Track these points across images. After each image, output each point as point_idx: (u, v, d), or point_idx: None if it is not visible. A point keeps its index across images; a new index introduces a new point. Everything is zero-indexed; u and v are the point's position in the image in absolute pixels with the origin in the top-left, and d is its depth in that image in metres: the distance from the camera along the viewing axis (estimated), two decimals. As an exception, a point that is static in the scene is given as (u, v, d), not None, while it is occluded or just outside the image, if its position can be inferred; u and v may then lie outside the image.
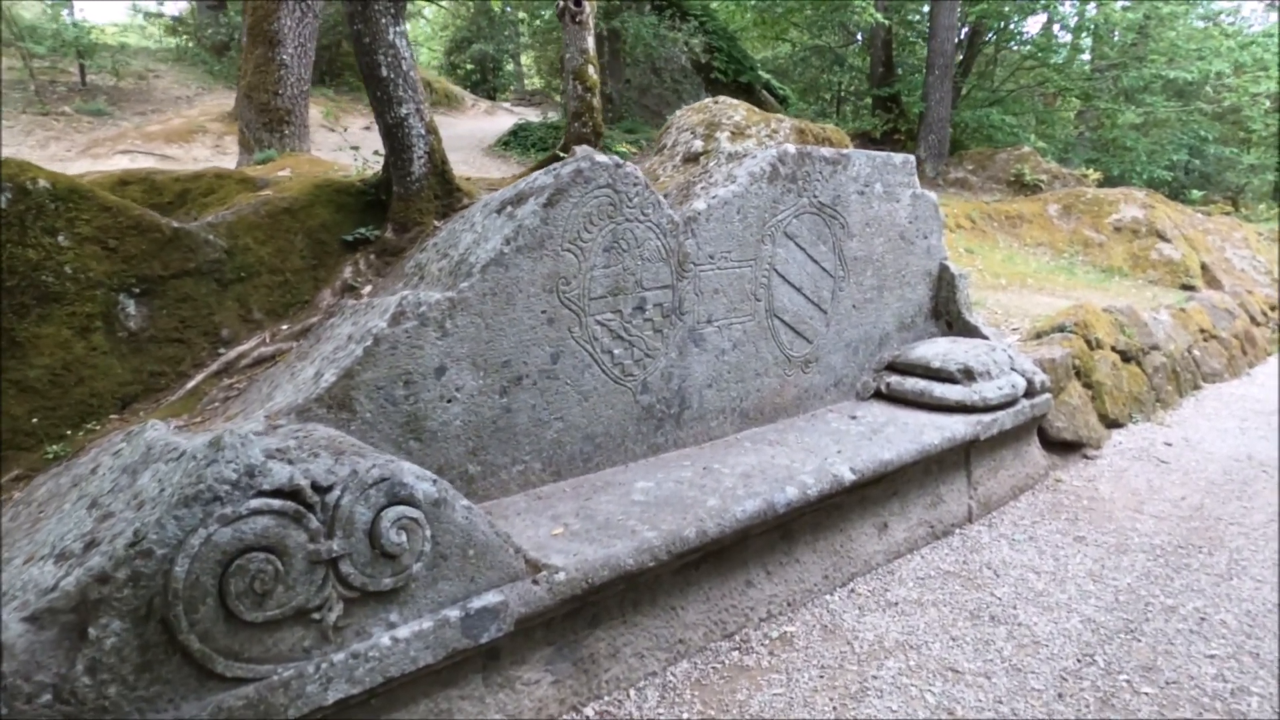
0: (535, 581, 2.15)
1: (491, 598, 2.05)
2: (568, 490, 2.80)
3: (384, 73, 3.03)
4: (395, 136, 3.14)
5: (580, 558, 2.27)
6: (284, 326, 2.90)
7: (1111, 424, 4.92)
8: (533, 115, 15.53)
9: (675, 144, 4.14)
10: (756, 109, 4.43)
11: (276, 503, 1.67)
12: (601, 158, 2.79)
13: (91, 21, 12.28)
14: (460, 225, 3.00)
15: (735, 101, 4.51)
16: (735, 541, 2.76)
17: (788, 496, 2.79)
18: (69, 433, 2.47)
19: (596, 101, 5.16)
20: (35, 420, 2.43)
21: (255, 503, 1.64)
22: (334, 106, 13.37)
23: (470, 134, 13.97)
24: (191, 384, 2.65)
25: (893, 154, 3.99)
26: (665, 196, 3.66)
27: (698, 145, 3.94)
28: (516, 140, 10.49)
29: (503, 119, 15.57)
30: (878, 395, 4.01)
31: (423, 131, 3.17)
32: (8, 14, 9.43)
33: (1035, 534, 3.61)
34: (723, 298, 3.27)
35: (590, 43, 5.03)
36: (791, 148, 3.47)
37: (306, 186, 3.17)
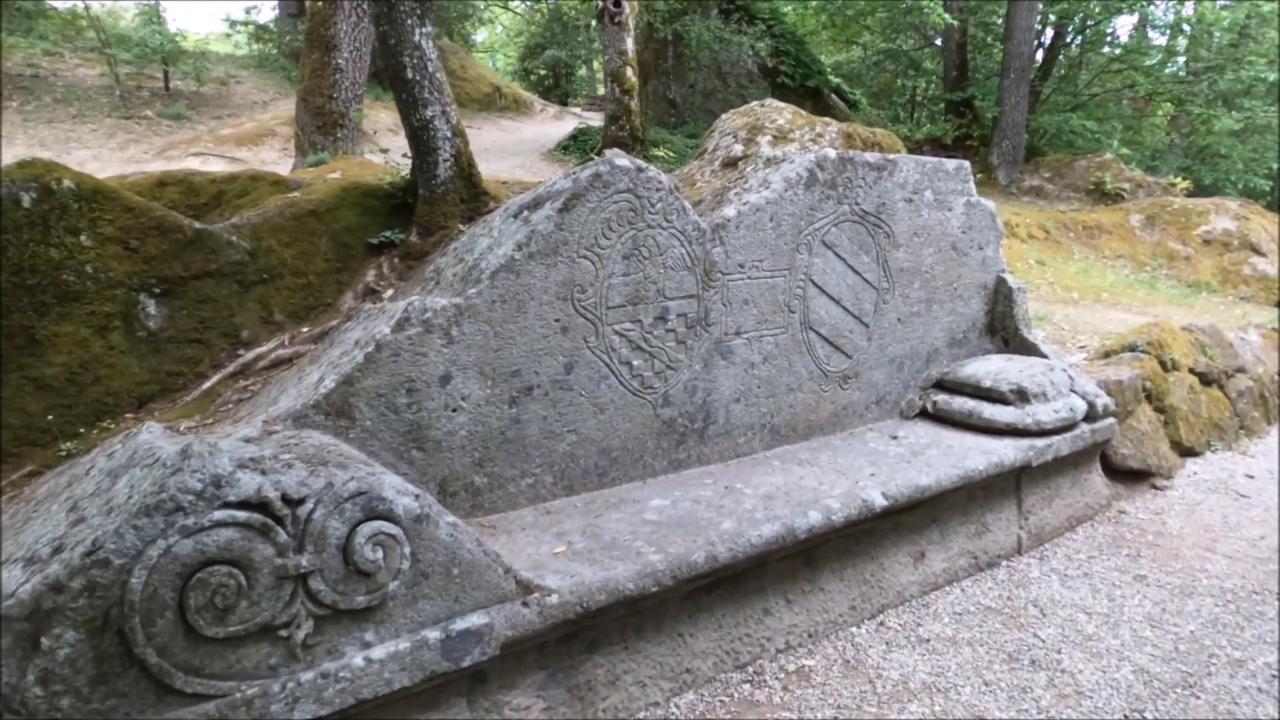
0: (525, 604, 2.05)
1: (476, 619, 1.96)
2: (579, 506, 2.70)
3: (409, 74, 3.00)
4: (420, 139, 3.10)
5: (577, 580, 2.16)
6: (305, 329, 2.89)
7: (1186, 452, 4.55)
8: (600, 120, 15.59)
9: (716, 148, 4.01)
10: (803, 112, 4.26)
11: (242, 515, 1.61)
12: (623, 161, 2.69)
13: (180, 29, 12.87)
14: (480, 230, 2.94)
15: (781, 104, 4.35)
16: (752, 567, 2.61)
17: (810, 522, 2.62)
18: (83, 431, 2.51)
19: (635, 104, 5.08)
20: (51, 417, 2.47)
21: (219, 514, 1.58)
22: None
23: (535, 138, 14.09)
24: (207, 385, 2.66)
25: (945, 159, 3.77)
26: (699, 202, 3.54)
27: (737, 150, 3.80)
28: (576, 144, 10.50)
29: (569, 123, 15.66)
30: (923, 415, 3.79)
31: (448, 134, 3.12)
32: (95, 21, 9.92)
33: (1090, 570, 3.34)
34: (753, 309, 3.12)
35: (629, 44, 4.94)
36: (832, 152, 3.30)
37: (333, 189, 3.17)
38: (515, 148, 12.91)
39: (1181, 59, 15.56)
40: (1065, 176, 10.39)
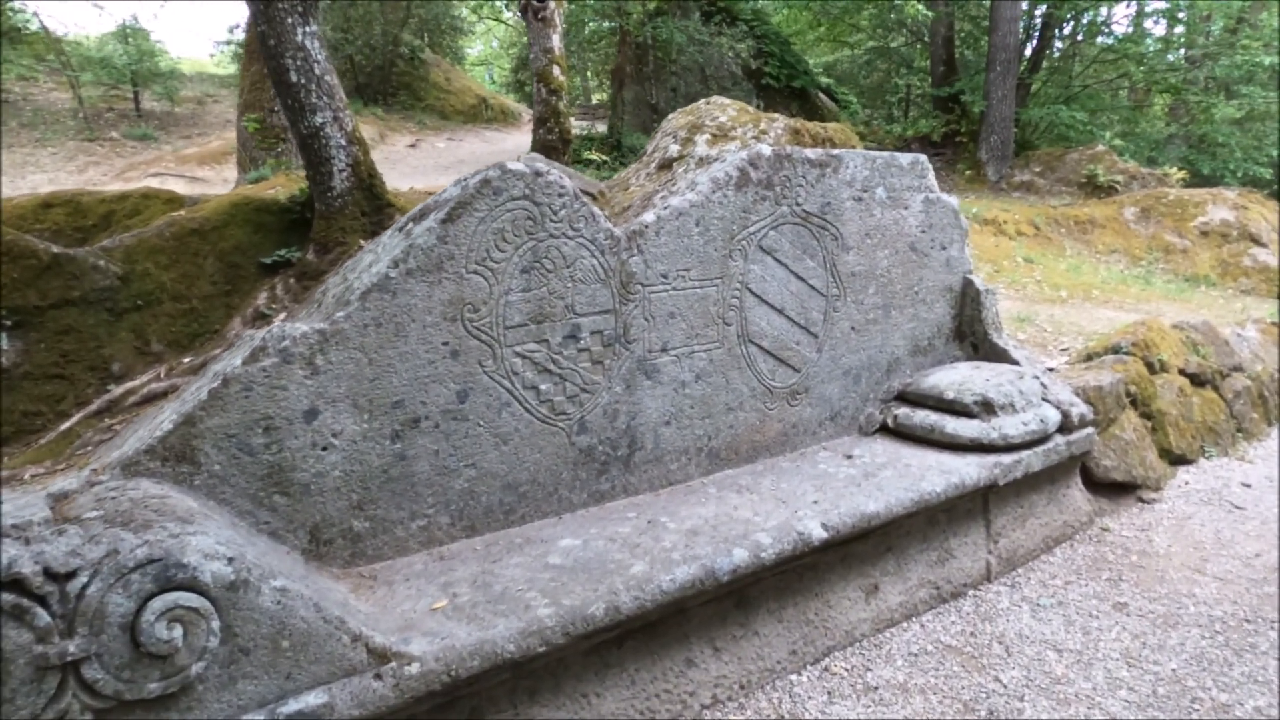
0: (378, 675, 1.78)
1: (312, 699, 1.69)
2: (478, 549, 2.43)
3: (293, 78, 2.75)
4: (311, 148, 2.85)
5: (447, 643, 1.89)
6: (186, 360, 2.64)
7: (1177, 460, 4.24)
8: (604, 127, 15.35)
9: (655, 150, 3.75)
10: (749, 108, 4.00)
11: (-15, 597, 1.35)
12: (516, 166, 2.42)
13: (160, 48, 12.68)
14: (371, 246, 2.68)
15: (726, 101, 4.09)
16: (669, 614, 2.33)
17: (734, 562, 2.34)
18: (-82, 481, 2.27)
19: (563, 105, 4.81)
20: (-121, 468, 2.23)
21: (-49, 598, 1.32)
22: (382, 125, 13.46)
23: (517, 148, 13.87)
24: (66, 425, 2.41)
25: (898, 154, 3.49)
26: (628, 208, 3.27)
27: (673, 150, 3.54)
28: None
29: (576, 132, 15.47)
30: (884, 430, 3.51)
31: (343, 142, 2.87)
32: (55, 44, 9.76)
33: (1066, 598, 3.04)
34: (681, 322, 2.85)
35: (556, 41, 4.69)
36: (766, 148, 3.03)
37: (222, 205, 2.92)
38: (494, 157, 12.69)
39: (1182, 50, 15.23)
40: (1057, 170, 10.07)
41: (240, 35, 17.62)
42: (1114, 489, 3.85)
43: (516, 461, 2.54)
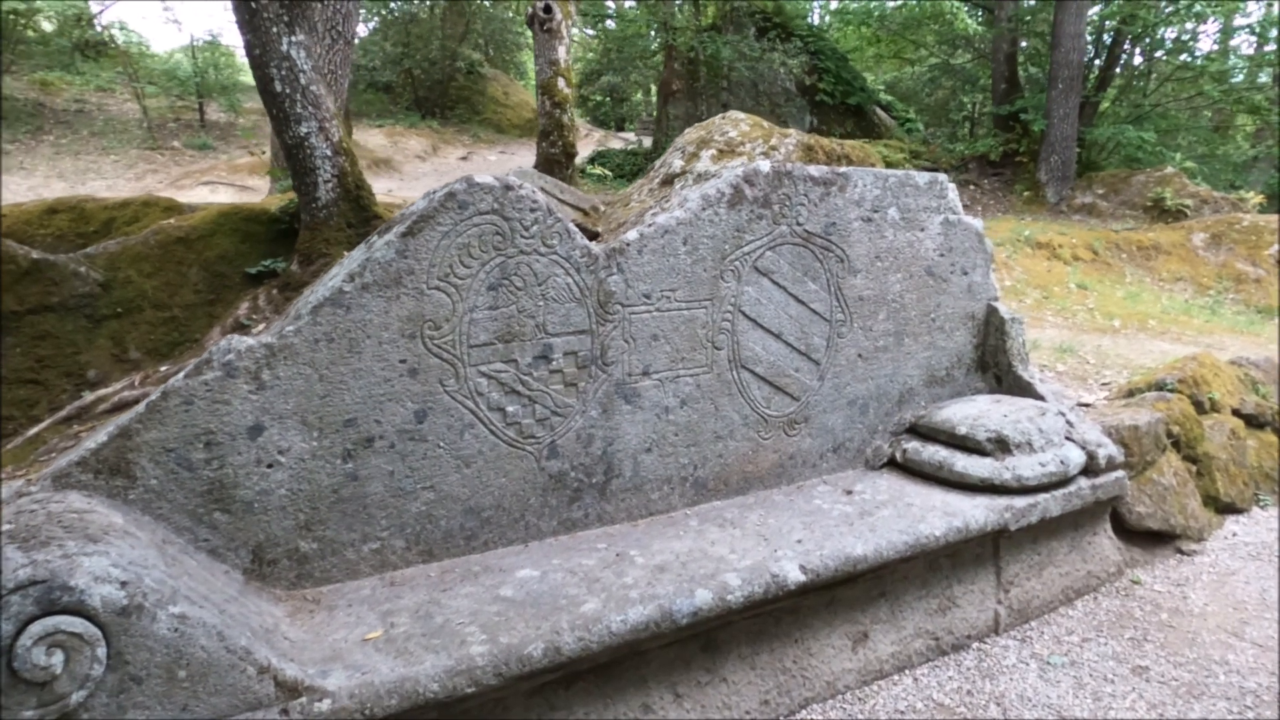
0: (284, 711, 1.69)
1: (209, 734, 1.61)
2: (432, 576, 2.34)
3: (278, 88, 2.73)
4: (296, 158, 2.83)
5: (366, 679, 1.79)
6: (164, 368, 2.63)
7: (1225, 509, 3.90)
8: (649, 141, 15.35)
9: (661, 165, 3.64)
10: (764, 123, 3.86)
11: None
12: (484, 179, 2.34)
13: (229, 60, 13.17)
14: (346, 258, 2.63)
15: (741, 116, 3.95)
16: (624, 656, 2.19)
17: (695, 604, 2.19)
18: (-117, 482, 2.29)
19: (568, 119, 4.73)
20: None
21: None
22: (436, 137, 13.69)
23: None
24: (34, 431, 2.41)
25: (914, 173, 3.30)
26: (624, 224, 3.16)
27: (677, 165, 3.42)
28: (593, 165, 10.24)
29: (613, 146, 15.52)
30: (892, 464, 3.30)
31: (329, 153, 2.84)
32: (123, 55, 10.17)
33: (1080, 657, 2.79)
34: (665, 345, 2.72)
35: (562, 53, 4.62)
36: (765, 165, 2.88)
37: (211, 214, 2.92)
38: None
39: (1270, 69, 14.41)
40: (1121, 193, 9.58)
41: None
42: (1150, 538, 3.55)
43: (480, 485, 2.44)
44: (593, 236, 3.25)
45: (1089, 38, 10.93)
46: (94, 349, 2.64)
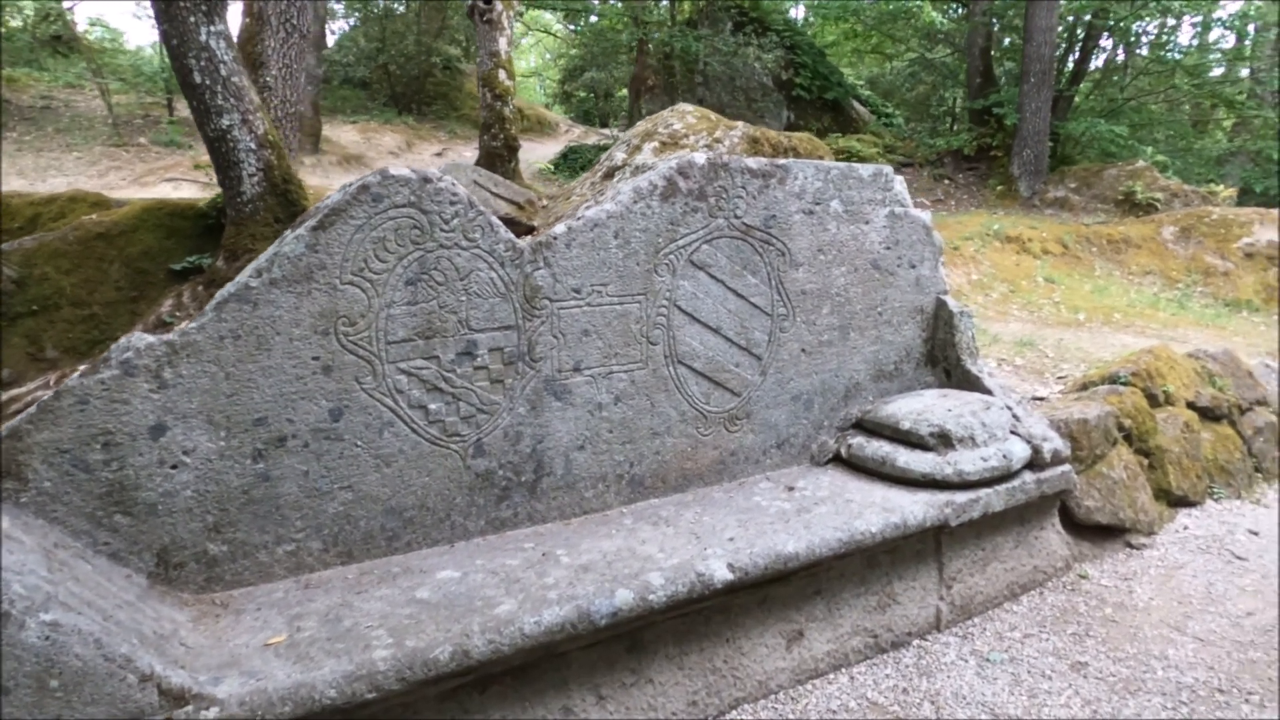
0: (168, 721, 1.63)
1: (83, 745, 1.55)
2: (350, 578, 2.28)
3: (197, 79, 2.67)
4: (219, 151, 2.76)
5: (260, 685, 1.74)
6: (81, 367, 2.57)
7: (1178, 502, 3.89)
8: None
9: (606, 158, 3.59)
10: (711, 115, 3.82)
11: None
12: (401, 171, 2.28)
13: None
14: (264, 252, 2.57)
15: (689, 108, 3.91)
16: (542, 657, 2.14)
17: (615, 604, 2.14)
18: None
19: (509, 111, 4.67)
20: None
21: None
22: (411, 134, 13.58)
23: (544, 158, 13.87)
24: (-61, 432, 2.34)
25: (858, 165, 3.26)
26: (560, 219, 3.11)
27: (619, 158, 3.37)
28: (566, 163, 10.18)
29: (588, 142, 15.43)
30: (838, 460, 3.26)
31: (253, 145, 2.78)
32: (87, 50, 10.04)
33: (1020, 654, 2.76)
34: (597, 341, 2.67)
35: (503, 45, 4.56)
36: (700, 157, 2.84)
37: (134, 209, 2.85)
38: (521, 169, 12.69)
39: (1248, 65, 14.46)
40: (1093, 187, 9.59)
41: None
42: (1099, 532, 3.53)
43: (401, 485, 2.39)
44: (529, 230, 3.20)
45: (1064, 32, 10.93)
46: (8, 348, 2.57)
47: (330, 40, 18.87)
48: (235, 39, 5.45)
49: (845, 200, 3.20)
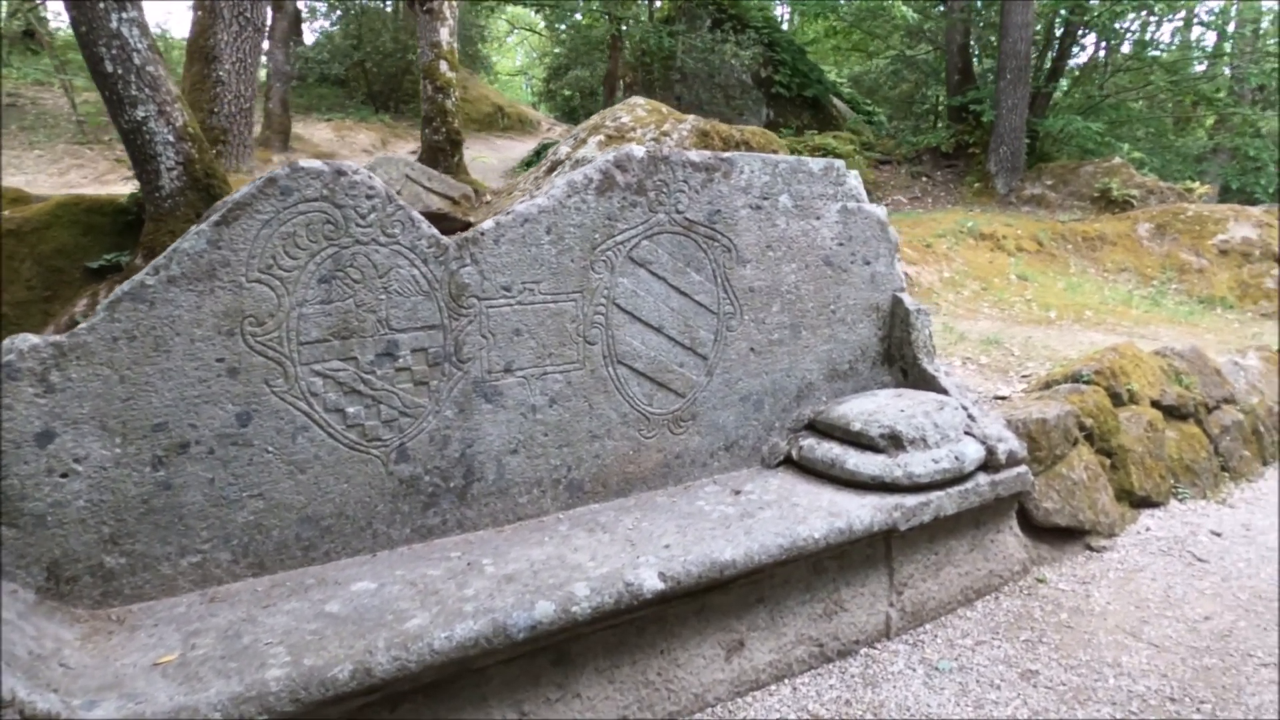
0: (30, 750, 1.52)
1: (-70, 779, 1.44)
2: (260, 590, 2.17)
3: (108, 68, 2.55)
4: (134, 144, 2.65)
5: (138, 709, 1.63)
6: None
7: (1141, 503, 3.82)
8: None
9: (553, 153, 3.49)
10: (663, 108, 3.72)
11: None
12: (312, 164, 2.18)
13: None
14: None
15: (641, 101, 3.81)
16: (457, 674, 2.04)
17: (534, 617, 2.04)
18: None
19: (451, 104, 4.56)
20: None
21: None
22: (387, 132, 13.43)
23: (520, 155, 13.74)
24: None
25: (808, 159, 3.17)
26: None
27: (563, 152, 3.26)
28: (538, 159, 10.05)
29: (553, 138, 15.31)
30: (789, 463, 3.17)
31: (171, 138, 2.66)
32: (49, 46, 9.87)
33: (970, 661, 2.68)
34: (529, 340, 2.57)
35: (444, 35, 4.45)
36: (639, 150, 2.74)
37: (48, 206, 2.73)
38: (497, 165, 12.57)
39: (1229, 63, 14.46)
40: (1070, 184, 9.55)
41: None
42: (1059, 535, 3.46)
43: (317, 492, 2.28)
44: (464, 226, 3.09)
45: (1042, 29, 10.90)
46: (-93, 350, 2.44)
47: (310, 38, 18.70)
48: (191, 33, 5.33)
49: (795, 195, 3.11)
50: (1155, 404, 4.15)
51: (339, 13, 17.24)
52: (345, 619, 2.00)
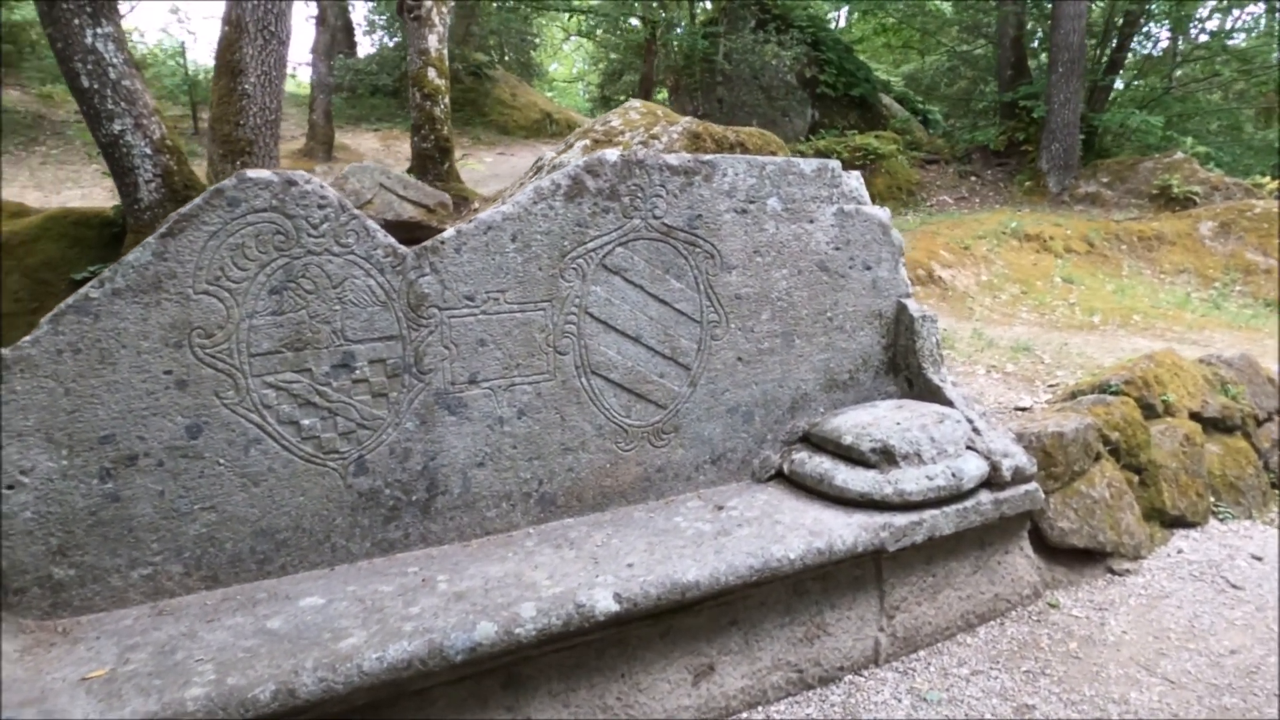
0: (-65, 767, 1.52)
1: None
2: (210, 604, 2.16)
3: (85, 83, 2.60)
4: (113, 157, 2.69)
5: (51, 728, 1.62)
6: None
7: (1174, 523, 3.55)
8: None
9: (540, 158, 3.42)
10: (658, 110, 3.62)
11: None
12: (261, 174, 2.16)
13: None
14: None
15: (637, 104, 3.71)
16: (398, 695, 1.99)
17: (474, 638, 1.98)
18: None
19: (440, 111, 4.53)
20: None
21: None
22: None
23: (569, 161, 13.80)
24: None
25: (799, 160, 3.04)
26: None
27: (548, 158, 3.20)
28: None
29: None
30: (780, 477, 3.04)
31: (148, 150, 2.70)
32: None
33: (962, 694, 2.51)
34: (495, 351, 2.51)
35: (432, 42, 4.42)
36: (613, 154, 2.66)
37: (37, 219, 2.80)
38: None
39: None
40: (1127, 181, 9.07)
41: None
42: (1077, 557, 3.23)
43: (272, 505, 2.26)
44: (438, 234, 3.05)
45: (1100, 19, 10.41)
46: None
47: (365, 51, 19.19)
48: (218, 47, 5.45)
49: (785, 198, 2.98)
50: (1195, 416, 3.86)
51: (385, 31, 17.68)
52: (283, 636, 1.96)
